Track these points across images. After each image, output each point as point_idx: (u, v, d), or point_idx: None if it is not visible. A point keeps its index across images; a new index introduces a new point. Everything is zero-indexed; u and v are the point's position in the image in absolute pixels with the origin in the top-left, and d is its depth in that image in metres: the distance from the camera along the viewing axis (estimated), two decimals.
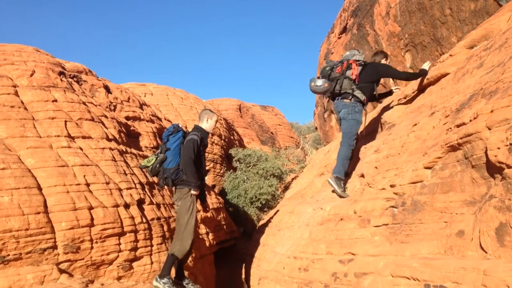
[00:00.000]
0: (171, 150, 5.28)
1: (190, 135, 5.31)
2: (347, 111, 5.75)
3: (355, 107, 5.76)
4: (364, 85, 5.77)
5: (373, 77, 5.81)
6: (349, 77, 5.79)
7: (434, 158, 3.32)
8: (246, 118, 33.58)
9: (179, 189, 5.23)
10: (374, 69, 5.81)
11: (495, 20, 4.66)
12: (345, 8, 18.96)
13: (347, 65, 5.85)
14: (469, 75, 4.20)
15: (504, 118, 2.54)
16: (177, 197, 5.23)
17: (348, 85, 5.80)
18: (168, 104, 16.24)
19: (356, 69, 5.75)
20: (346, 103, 5.79)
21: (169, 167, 5.25)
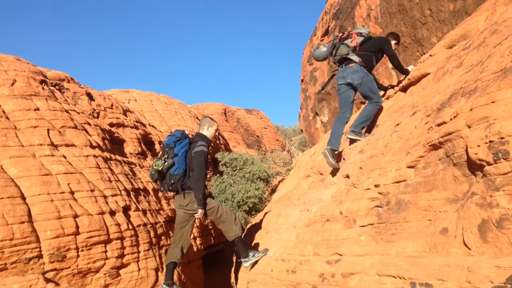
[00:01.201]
0: (179, 156, 5.26)
1: (199, 145, 5.29)
2: (359, 76, 5.73)
3: (363, 69, 5.77)
4: (363, 53, 5.81)
5: (374, 48, 5.85)
6: (347, 44, 5.87)
7: (416, 157, 3.36)
8: (232, 122, 33.54)
9: (188, 193, 5.23)
10: (377, 41, 5.90)
11: (473, 20, 4.74)
12: (327, 11, 19.09)
13: (348, 35, 5.98)
14: (449, 75, 4.26)
15: (483, 116, 2.58)
16: (188, 201, 5.22)
17: (344, 50, 5.86)
18: (153, 110, 16.19)
19: (356, 39, 5.84)
20: (353, 68, 5.78)
21: (176, 173, 5.22)
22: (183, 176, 5.23)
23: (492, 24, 4.03)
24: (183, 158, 5.27)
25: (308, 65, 22.29)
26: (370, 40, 5.92)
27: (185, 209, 5.26)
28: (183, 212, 5.30)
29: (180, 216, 5.31)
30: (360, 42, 5.83)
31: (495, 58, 3.23)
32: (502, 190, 2.28)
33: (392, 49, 5.96)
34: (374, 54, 5.89)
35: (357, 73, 5.75)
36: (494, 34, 3.73)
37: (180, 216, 5.31)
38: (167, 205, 7.85)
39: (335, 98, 18.32)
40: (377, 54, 5.94)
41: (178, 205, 5.33)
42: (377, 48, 5.88)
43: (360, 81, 5.74)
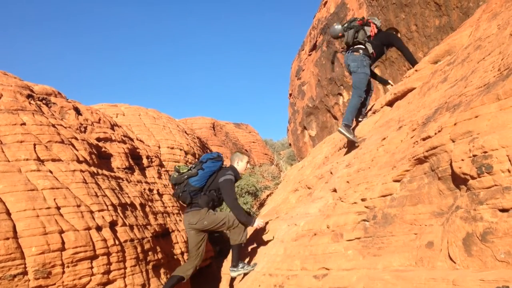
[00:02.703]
0: (204, 171, 5.34)
1: (227, 174, 5.40)
2: (356, 65, 6.11)
3: (363, 60, 6.10)
4: (376, 43, 6.16)
5: (384, 41, 6.21)
6: (366, 30, 6.18)
7: (402, 171, 3.39)
8: (220, 136, 33.53)
9: (197, 210, 5.29)
10: (388, 35, 6.35)
11: (457, 35, 4.82)
12: (314, 26, 19.32)
13: (366, 22, 6.27)
14: (434, 89, 4.32)
15: (467, 130, 2.62)
16: (197, 219, 5.27)
17: (362, 36, 6.19)
18: (141, 124, 16.14)
19: (374, 28, 6.19)
20: (356, 57, 6.15)
21: (193, 185, 5.29)
22: (198, 191, 5.30)
23: (476, 39, 4.10)
24: (207, 176, 5.36)
25: (296, 80, 22.46)
26: (380, 33, 6.27)
27: (195, 227, 5.30)
28: (194, 233, 5.33)
29: (192, 237, 5.35)
30: (375, 33, 6.20)
31: (479, 73, 3.29)
32: (486, 204, 2.30)
33: (402, 43, 6.28)
34: (384, 47, 6.25)
35: (356, 62, 6.11)
36: (478, 49, 3.79)
37: (192, 237, 5.34)
38: (154, 220, 7.80)
39: (323, 112, 18.46)
40: (385, 47, 6.29)
41: (188, 224, 5.36)
42: (387, 41, 6.23)
43: (354, 70, 6.12)
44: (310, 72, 19.40)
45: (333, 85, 16.73)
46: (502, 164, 2.24)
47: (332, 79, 16.61)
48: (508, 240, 2.13)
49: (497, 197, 2.23)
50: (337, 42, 15.90)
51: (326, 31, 16.90)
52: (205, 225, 5.29)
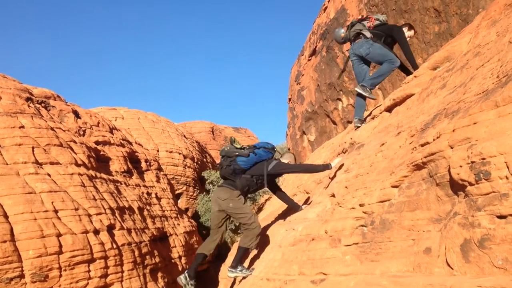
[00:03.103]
0: (256, 156, 5.50)
1: (274, 160, 5.62)
2: (365, 47, 6.22)
3: (368, 41, 6.22)
4: (374, 31, 6.27)
5: (385, 31, 6.27)
6: (363, 23, 6.38)
7: (400, 177, 3.39)
8: (219, 140, 33.54)
9: (230, 189, 5.41)
10: (390, 26, 6.41)
11: (456, 42, 4.84)
12: (314, 31, 19.36)
13: (366, 17, 6.49)
14: (433, 96, 4.33)
15: (465, 137, 2.62)
16: (226, 196, 5.40)
17: (359, 26, 6.39)
18: (140, 128, 16.15)
19: (373, 22, 6.35)
20: (359, 43, 6.31)
21: (240, 164, 5.42)
22: (241, 171, 5.42)
23: (475, 46, 4.11)
24: (254, 162, 5.50)
25: (295, 84, 22.48)
26: (384, 25, 6.36)
27: (220, 203, 5.42)
28: (217, 210, 5.45)
29: (214, 214, 5.49)
30: (375, 24, 6.32)
31: (478, 80, 3.30)
32: (484, 210, 2.30)
33: (403, 36, 6.24)
34: (385, 36, 6.26)
35: (363, 45, 6.23)
36: (477, 56, 3.80)
37: (214, 214, 5.49)
38: (152, 224, 7.78)
39: (322, 117, 18.48)
40: (387, 38, 6.28)
41: (216, 198, 5.50)
42: (388, 32, 6.26)
43: (367, 52, 6.20)
44: (309, 77, 19.42)
45: (332, 90, 16.75)
46: (500, 170, 2.24)
47: (332, 84, 16.63)
48: (505, 246, 2.13)
49: (495, 204, 2.23)
50: (336, 48, 15.93)
51: (326, 36, 16.93)
52: (229, 207, 5.37)
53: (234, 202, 5.37)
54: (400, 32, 6.24)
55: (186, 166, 17.29)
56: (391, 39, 6.32)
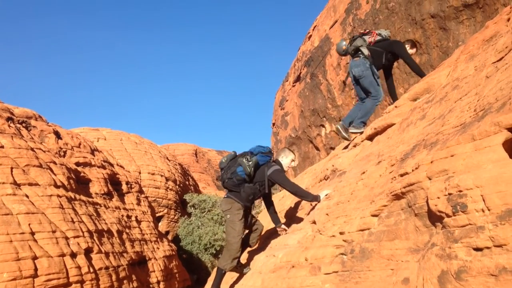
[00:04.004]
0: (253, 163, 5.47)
1: (273, 166, 5.55)
2: (360, 69, 6.37)
3: (365, 63, 6.36)
4: (374, 48, 6.41)
5: (385, 47, 6.41)
6: (363, 38, 6.48)
7: (380, 206, 3.42)
8: (202, 163, 33.42)
9: (232, 200, 5.51)
10: (391, 42, 6.51)
11: (436, 74, 4.95)
12: (299, 58, 19.62)
13: (368, 32, 6.60)
14: (413, 126, 4.40)
15: (443, 169, 2.67)
16: (227, 208, 5.50)
17: (359, 42, 6.49)
18: (122, 149, 16.02)
19: (375, 36, 6.46)
20: (357, 61, 6.44)
21: (239, 174, 5.44)
22: (242, 181, 5.44)
23: (453, 79, 4.21)
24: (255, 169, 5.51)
25: (279, 110, 22.63)
26: (385, 41, 6.47)
27: (224, 213, 5.56)
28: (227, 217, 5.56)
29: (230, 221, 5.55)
30: (377, 40, 6.44)
31: (456, 112, 3.37)
32: (461, 242, 2.33)
33: (404, 51, 6.38)
34: (385, 53, 6.42)
35: (359, 66, 6.37)
36: (455, 89, 3.89)
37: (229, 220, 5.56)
38: (131, 248, 7.67)
39: (305, 143, 18.59)
40: (387, 54, 6.44)
41: (222, 211, 5.69)
42: (388, 48, 6.41)
43: (360, 74, 6.35)
44: (293, 102, 19.60)
45: (316, 116, 16.91)
46: (477, 203, 2.28)
47: (315, 110, 16.80)
48: (481, 279, 2.15)
49: (472, 236, 2.26)
50: (320, 75, 16.15)
51: (310, 63, 17.17)
52: (226, 218, 5.52)
53: (232, 215, 5.47)
54: (401, 47, 6.39)
55: (168, 189, 17.15)
56: (392, 55, 6.46)
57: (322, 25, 16.97)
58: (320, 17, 17.67)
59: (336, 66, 14.86)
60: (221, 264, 5.52)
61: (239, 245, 5.47)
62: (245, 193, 5.49)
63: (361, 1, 13.39)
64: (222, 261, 5.49)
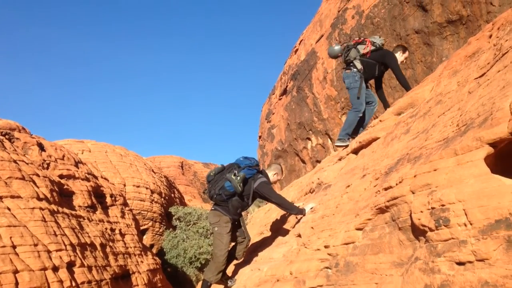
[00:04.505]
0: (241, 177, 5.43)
1: (259, 178, 5.56)
2: (349, 81, 6.58)
3: (355, 76, 6.52)
4: (367, 60, 6.52)
5: (378, 59, 6.53)
6: (357, 49, 6.57)
7: (364, 219, 3.43)
8: (188, 175, 33.27)
9: (220, 213, 5.51)
10: (383, 53, 6.58)
11: (419, 89, 5.01)
12: (285, 72, 19.74)
13: (362, 41, 6.65)
14: (397, 140, 4.44)
15: (426, 183, 2.69)
16: (215, 220, 5.51)
17: (353, 54, 6.59)
18: (107, 161, 15.88)
19: (369, 47, 6.53)
20: (348, 74, 6.63)
21: (228, 189, 5.40)
22: (230, 196, 5.42)
23: (437, 94, 4.27)
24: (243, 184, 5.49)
25: (266, 123, 22.69)
26: (378, 51, 6.56)
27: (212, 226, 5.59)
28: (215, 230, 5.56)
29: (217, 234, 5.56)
30: (371, 50, 6.53)
31: (439, 127, 3.41)
32: (443, 256, 2.34)
33: (394, 63, 6.50)
34: (378, 65, 6.54)
35: (349, 78, 6.58)
36: (439, 104, 3.94)
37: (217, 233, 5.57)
38: (114, 261, 7.56)
39: (292, 156, 18.62)
40: (380, 65, 6.57)
41: (209, 223, 5.73)
42: (381, 60, 6.53)
43: (348, 86, 6.57)
44: (280, 116, 19.66)
45: (302, 129, 16.97)
46: (459, 217, 2.29)
47: (301, 123, 16.87)
48: None
49: (454, 250, 2.28)
50: (306, 88, 16.24)
51: (297, 77, 17.28)
52: (214, 231, 5.54)
53: (219, 228, 5.48)
54: (392, 58, 6.52)
55: (153, 201, 17.01)
56: (384, 66, 6.62)
57: (308, 39, 17.13)
58: (307, 31, 17.85)
59: (322, 80, 14.98)
60: (207, 276, 5.53)
61: (225, 258, 5.47)
62: (233, 206, 5.49)
63: (347, 16, 13.56)
64: (208, 274, 5.49)
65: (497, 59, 3.11)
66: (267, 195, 5.46)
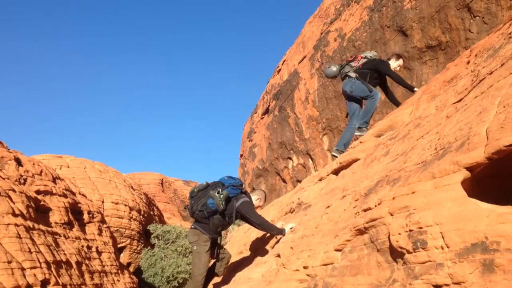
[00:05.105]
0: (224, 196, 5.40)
1: (242, 197, 5.54)
2: (350, 85, 6.99)
3: (354, 82, 6.98)
4: (360, 70, 6.99)
5: (370, 67, 6.97)
6: (350, 64, 7.10)
7: (343, 240, 3.44)
8: (168, 193, 33.00)
9: (199, 232, 5.47)
10: (375, 62, 7.05)
11: (399, 112, 5.10)
12: (268, 91, 19.88)
13: (354, 58, 7.21)
14: (377, 162, 4.48)
15: (404, 205, 2.72)
16: (194, 239, 5.44)
17: (347, 69, 7.14)
18: (85, 177, 15.66)
19: (360, 60, 7.07)
20: (345, 82, 7.13)
21: (210, 206, 5.37)
22: (212, 213, 5.39)
23: (416, 118, 4.34)
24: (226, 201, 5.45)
25: (247, 141, 22.72)
26: (371, 61, 7.02)
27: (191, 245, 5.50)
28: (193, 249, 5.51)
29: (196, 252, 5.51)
30: (363, 62, 7.02)
31: (417, 150, 3.46)
32: (421, 279, 2.36)
33: (388, 68, 6.93)
34: (370, 72, 6.93)
35: (347, 84, 7.05)
36: (418, 127, 4.01)
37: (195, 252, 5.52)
38: (90, 280, 7.41)
39: (273, 175, 18.64)
40: (373, 72, 6.95)
41: (188, 242, 5.70)
42: (373, 67, 6.94)
43: (351, 89, 6.99)
44: (261, 135, 19.72)
45: (283, 149, 17.03)
46: (436, 240, 2.32)
47: (283, 143, 16.94)
48: None
49: (431, 273, 2.30)
50: (288, 108, 16.36)
51: (279, 96, 17.40)
52: (192, 249, 5.48)
53: (198, 247, 5.44)
54: (384, 65, 6.96)
55: (132, 219, 16.79)
56: (378, 73, 6.94)
57: (291, 59, 17.32)
58: (290, 52, 18.05)
59: (304, 100, 15.11)
60: None
61: (203, 278, 5.42)
62: (214, 225, 5.46)
63: (329, 39, 13.77)
64: None
65: (474, 85, 3.18)
66: (248, 215, 5.45)
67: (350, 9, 12.99)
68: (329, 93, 13.33)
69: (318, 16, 15.92)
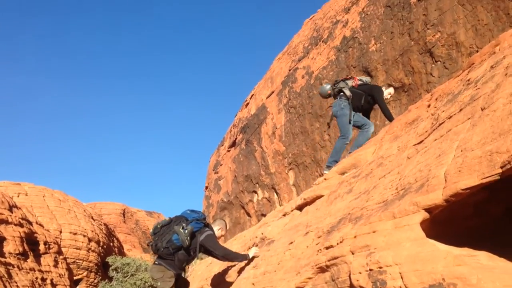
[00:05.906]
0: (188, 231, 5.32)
1: (206, 231, 5.53)
2: (336, 109, 7.05)
3: (341, 104, 7.00)
4: (355, 90, 7.05)
5: (366, 90, 7.05)
6: (346, 82, 7.16)
7: (305, 278, 3.43)
8: (130, 223, 32.27)
9: (164, 268, 5.35)
10: (371, 86, 7.19)
11: (362, 151, 5.20)
12: (235, 124, 19.98)
13: (350, 77, 7.30)
14: (340, 199, 4.53)
15: (365, 244, 2.74)
16: (159, 276, 5.30)
17: (342, 85, 7.18)
18: (44, 206, 15.17)
19: (356, 81, 7.17)
20: (336, 102, 7.14)
21: (175, 242, 5.29)
22: (177, 249, 5.31)
23: (378, 157, 4.43)
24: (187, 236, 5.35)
25: (213, 173, 22.61)
26: (367, 85, 7.16)
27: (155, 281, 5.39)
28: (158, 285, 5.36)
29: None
30: (359, 84, 7.12)
31: (379, 189, 3.52)
32: None
33: (381, 97, 7.00)
34: (365, 95, 7.00)
35: (336, 106, 7.06)
36: (380, 167, 4.09)
37: None
38: None
39: (237, 208, 18.53)
40: (367, 96, 7.02)
41: (152, 278, 5.55)
42: (369, 91, 7.02)
43: (335, 114, 7.05)
44: (227, 167, 19.69)
45: (249, 182, 17.01)
46: (395, 281, 2.34)
47: (249, 176, 16.93)
48: None
49: None
50: (255, 142, 16.44)
51: (246, 130, 17.50)
52: (157, 285, 5.36)
53: (163, 283, 5.31)
54: (379, 92, 7.04)
55: (90, 250, 16.28)
56: (371, 97, 7.06)
57: (259, 94, 17.53)
58: (258, 86, 18.29)
59: (271, 135, 15.24)
60: None
61: None
62: (179, 260, 5.40)
63: (297, 75, 14.05)
64: None
65: (434, 128, 3.29)
66: (213, 248, 5.42)
67: (318, 48, 13.35)
68: (296, 128, 13.51)
69: (287, 53, 16.27)
